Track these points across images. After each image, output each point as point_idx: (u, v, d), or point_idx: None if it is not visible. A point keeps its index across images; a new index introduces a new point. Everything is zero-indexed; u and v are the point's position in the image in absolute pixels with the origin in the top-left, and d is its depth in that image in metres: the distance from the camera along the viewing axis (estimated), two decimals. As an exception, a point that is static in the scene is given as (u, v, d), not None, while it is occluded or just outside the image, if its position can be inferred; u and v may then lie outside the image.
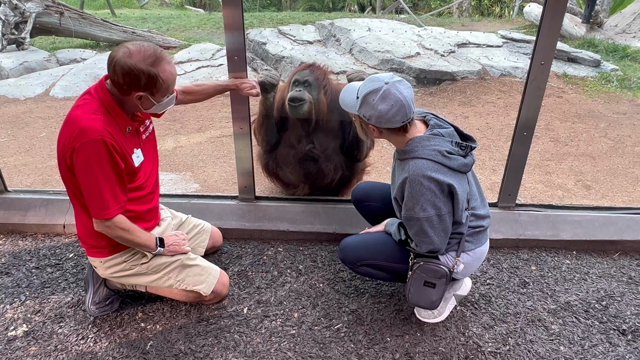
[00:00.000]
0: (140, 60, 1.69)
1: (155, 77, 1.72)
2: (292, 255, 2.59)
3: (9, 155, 4.05)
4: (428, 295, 1.98)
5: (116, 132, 1.80)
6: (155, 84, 1.74)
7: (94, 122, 1.73)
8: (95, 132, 1.71)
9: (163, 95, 1.82)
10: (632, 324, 2.17)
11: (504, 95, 5.72)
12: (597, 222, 2.71)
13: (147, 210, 2.06)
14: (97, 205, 1.81)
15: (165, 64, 1.75)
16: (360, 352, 1.99)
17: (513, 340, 2.06)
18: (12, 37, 7.32)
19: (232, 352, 1.98)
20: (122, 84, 1.72)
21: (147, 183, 2.04)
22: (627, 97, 5.79)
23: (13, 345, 2.01)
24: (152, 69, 1.71)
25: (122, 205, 1.86)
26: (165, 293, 2.15)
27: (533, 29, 8.93)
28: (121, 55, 1.69)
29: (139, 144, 1.97)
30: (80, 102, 1.81)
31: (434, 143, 1.81)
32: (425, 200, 1.77)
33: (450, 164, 1.79)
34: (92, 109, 1.76)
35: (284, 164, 2.92)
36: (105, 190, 1.79)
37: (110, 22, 8.35)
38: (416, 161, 1.78)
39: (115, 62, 1.69)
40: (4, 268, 2.47)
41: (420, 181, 1.76)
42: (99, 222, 1.85)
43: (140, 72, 1.69)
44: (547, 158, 4.12)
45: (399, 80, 1.77)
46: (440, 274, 1.93)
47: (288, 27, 7.76)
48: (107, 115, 1.78)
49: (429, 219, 1.80)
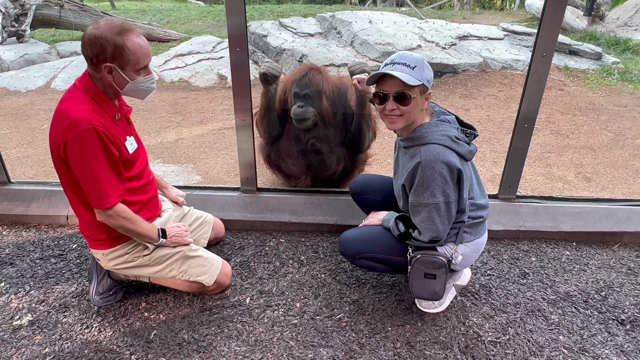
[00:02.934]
0: (106, 30, 1.69)
1: (122, 46, 1.70)
2: (294, 246, 2.61)
3: (11, 147, 4.06)
4: (431, 287, 2.00)
5: (106, 119, 1.80)
6: (122, 53, 1.71)
7: (83, 112, 1.72)
8: (86, 122, 1.71)
9: (134, 71, 1.78)
10: (631, 314, 2.19)
11: (505, 88, 5.71)
12: (597, 214, 2.73)
13: (147, 199, 2.07)
14: (96, 194, 1.80)
15: (133, 35, 1.73)
16: (361, 341, 2.01)
17: (513, 330, 2.09)
18: (13, 30, 7.32)
19: (235, 341, 2.00)
20: (91, 56, 1.71)
21: (144, 173, 2.04)
22: (628, 90, 5.79)
23: (18, 334, 2.03)
24: (117, 37, 1.69)
25: (121, 193, 1.86)
26: (168, 284, 2.17)
27: (534, 21, 8.89)
28: (90, 28, 1.70)
29: (130, 132, 1.97)
30: (67, 95, 1.80)
31: (442, 129, 1.83)
32: (435, 186, 1.79)
33: (458, 150, 1.81)
34: (79, 100, 1.76)
35: (287, 156, 2.93)
36: (102, 179, 1.78)
37: (110, 14, 8.33)
38: (428, 147, 1.79)
39: (84, 36, 1.70)
40: (8, 259, 2.49)
41: (432, 166, 1.77)
42: (101, 212, 1.85)
43: (105, 41, 1.68)
44: (548, 150, 4.13)
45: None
46: (439, 264, 1.95)
47: (289, 20, 7.73)
48: (95, 104, 1.78)
49: (437, 205, 1.82)
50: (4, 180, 2.85)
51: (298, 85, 2.68)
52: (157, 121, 4.72)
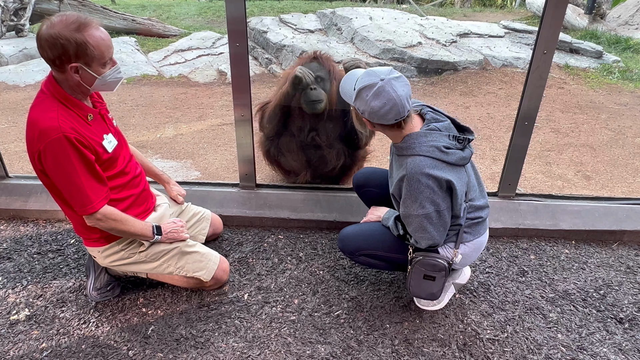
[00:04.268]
0: (63, 28, 1.59)
1: (84, 43, 1.61)
2: (293, 243, 2.60)
3: (9, 142, 4.05)
4: (428, 288, 1.99)
5: (77, 123, 1.73)
6: (86, 50, 1.63)
7: (50, 120, 1.66)
8: (55, 130, 1.65)
9: (101, 65, 1.70)
10: (629, 312, 2.19)
11: (505, 86, 5.70)
12: (596, 213, 2.72)
13: (138, 193, 2.04)
14: (78, 201, 1.77)
15: (93, 29, 1.64)
16: (359, 338, 2.01)
17: (511, 328, 2.08)
18: (12, 24, 7.29)
19: (233, 337, 2.00)
20: (53, 58, 1.63)
21: (130, 167, 2.00)
22: (628, 89, 5.78)
23: (15, 329, 2.02)
24: (77, 34, 1.60)
25: (105, 196, 1.82)
26: (166, 279, 2.16)
27: (535, 20, 8.87)
28: (44, 28, 1.60)
29: (108, 129, 1.91)
30: (35, 102, 1.74)
31: (430, 139, 1.77)
32: (423, 197, 1.76)
33: (448, 159, 1.76)
34: (47, 107, 1.70)
35: (287, 151, 2.91)
36: (82, 185, 1.74)
37: (110, 9, 8.30)
38: (414, 158, 1.76)
39: (39, 37, 1.60)
40: (5, 253, 2.48)
41: (418, 179, 1.74)
42: (89, 217, 1.82)
43: (65, 41, 1.59)
44: (548, 148, 4.13)
45: (396, 77, 1.72)
46: (439, 267, 1.92)
47: (289, 16, 7.71)
48: (63, 108, 1.72)
49: (428, 215, 1.79)
50: (2, 175, 2.83)
51: (310, 68, 2.65)
52: (156, 116, 4.71)
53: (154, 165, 2.35)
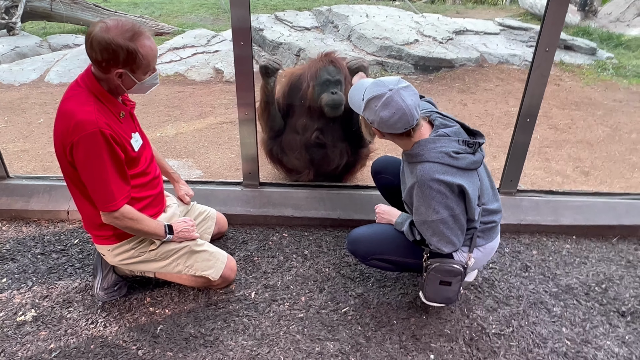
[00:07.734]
0: (118, 35, 1.63)
1: (135, 52, 1.67)
2: (297, 241, 2.61)
3: (8, 142, 4.01)
4: (445, 293, 1.98)
5: (111, 119, 1.77)
6: (135, 59, 1.69)
7: (88, 114, 1.68)
8: (92, 125, 1.67)
9: (144, 73, 1.76)
10: (631, 306, 2.22)
11: (502, 83, 5.74)
12: (596, 208, 2.76)
13: (156, 194, 2.06)
14: (102, 197, 1.79)
15: (145, 39, 1.69)
16: (367, 334, 2.03)
17: (516, 322, 2.11)
18: (3, 22, 7.19)
19: (242, 335, 2.01)
20: (101, 60, 1.67)
21: (151, 168, 2.03)
22: (622, 85, 5.84)
23: (23, 330, 2.02)
24: (130, 43, 1.65)
25: (127, 195, 1.85)
26: (174, 279, 2.17)
27: (528, 16, 8.92)
28: (98, 30, 1.63)
29: (135, 128, 1.95)
30: (70, 94, 1.76)
31: (439, 145, 1.77)
32: (436, 203, 1.76)
33: (458, 164, 1.76)
34: (84, 100, 1.72)
35: (289, 150, 2.92)
36: (109, 182, 1.76)
37: (102, 7, 8.22)
38: (424, 165, 1.76)
39: (92, 38, 1.63)
40: (9, 254, 2.46)
41: (429, 185, 1.74)
42: (107, 215, 1.83)
43: (118, 47, 1.64)
44: (546, 145, 4.17)
45: (405, 87, 1.73)
46: (455, 272, 1.91)
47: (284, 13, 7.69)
48: (99, 104, 1.75)
49: (444, 220, 1.78)
50: (3, 175, 2.81)
51: (328, 72, 2.65)
52: (155, 115, 4.68)
53: (166, 163, 2.36)
